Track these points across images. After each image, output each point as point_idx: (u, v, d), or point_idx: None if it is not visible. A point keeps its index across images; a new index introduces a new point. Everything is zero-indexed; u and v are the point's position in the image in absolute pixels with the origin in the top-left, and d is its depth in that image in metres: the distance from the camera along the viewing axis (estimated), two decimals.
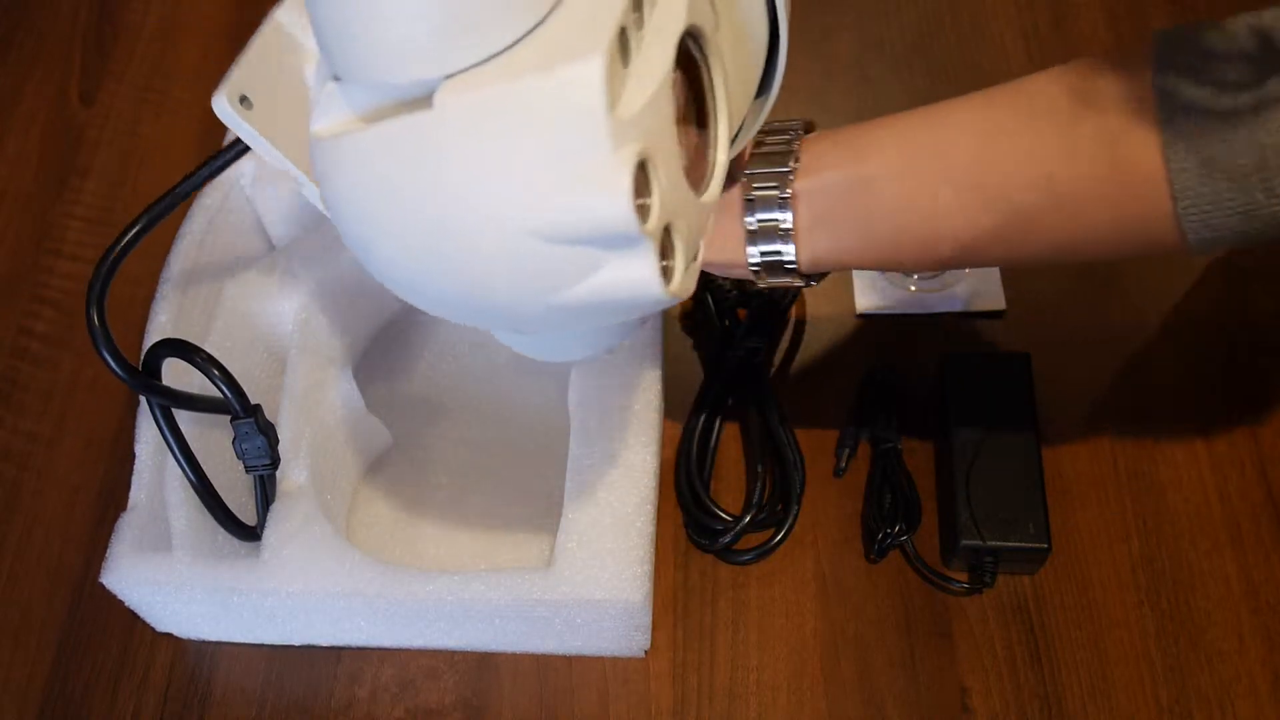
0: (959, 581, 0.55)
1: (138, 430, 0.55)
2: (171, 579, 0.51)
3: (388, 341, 0.63)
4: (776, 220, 0.46)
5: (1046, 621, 0.54)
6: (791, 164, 0.47)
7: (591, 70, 0.32)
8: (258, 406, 0.50)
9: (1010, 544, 0.53)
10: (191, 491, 0.52)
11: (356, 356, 0.61)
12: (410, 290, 0.38)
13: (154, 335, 0.56)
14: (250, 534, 0.53)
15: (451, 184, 0.33)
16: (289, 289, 0.58)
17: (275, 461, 0.51)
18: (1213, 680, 0.52)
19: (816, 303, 0.64)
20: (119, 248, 0.48)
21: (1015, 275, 0.64)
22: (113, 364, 0.47)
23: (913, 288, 0.64)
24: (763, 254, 0.47)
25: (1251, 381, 0.60)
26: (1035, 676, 0.53)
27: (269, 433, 0.51)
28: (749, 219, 0.47)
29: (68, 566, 0.59)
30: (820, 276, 0.50)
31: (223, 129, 0.64)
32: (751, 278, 0.49)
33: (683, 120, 0.40)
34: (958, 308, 0.63)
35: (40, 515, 0.60)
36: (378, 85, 0.34)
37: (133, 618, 0.56)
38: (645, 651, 0.55)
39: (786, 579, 0.56)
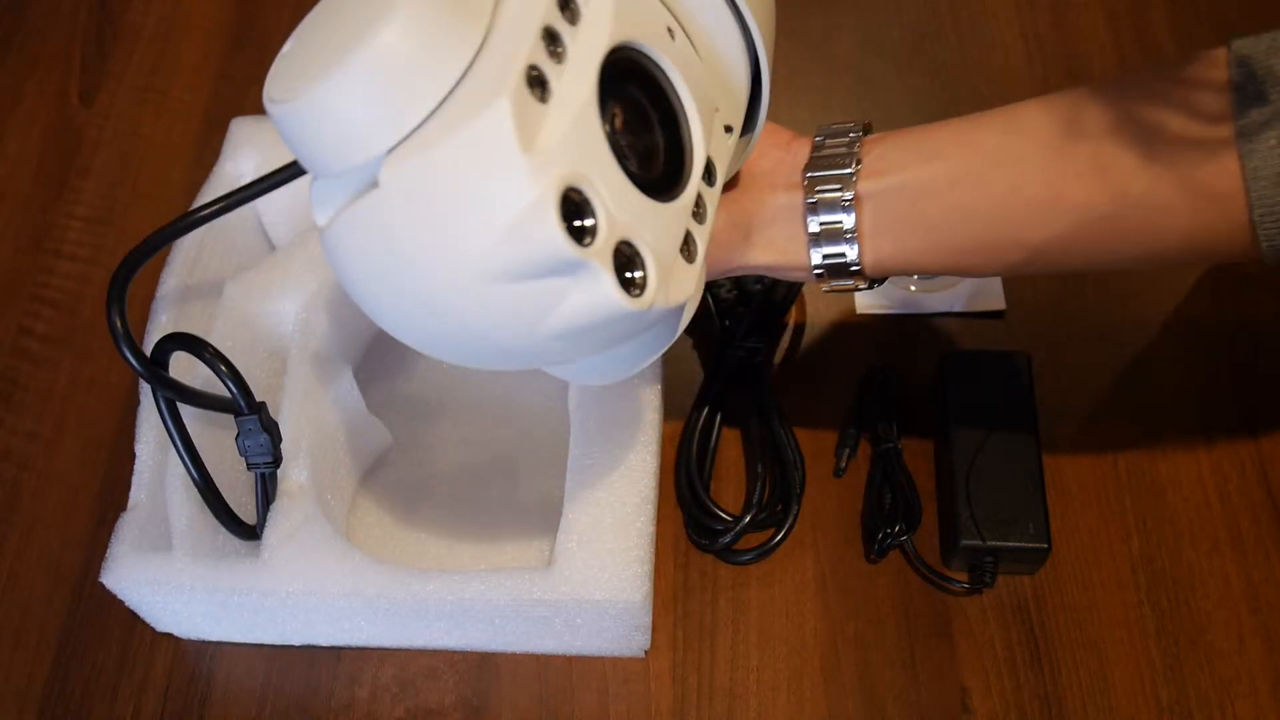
0: (959, 581, 0.55)
1: (138, 430, 0.55)
2: (171, 579, 0.51)
3: (388, 341, 0.63)
4: (840, 223, 0.46)
5: (1046, 621, 0.54)
6: (854, 166, 0.46)
7: (497, 116, 0.33)
8: (262, 404, 0.50)
9: (1010, 544, 0.53)
10: (193, 491, 0.52)
11: (356, 356, 0.61)
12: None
13: (154, 334, 0.56)
14: (250, 533, 0.53)
15: (411, 250, 0.36)
16: (289, 289, 0.58)
17: (277, 460, 0.51)
18: (1213, 680, 0.52)
19: (816, 303, 0.64)
20: (141, 252, 0.48)
21: (1016, 275, 0.64)
22: (130, 356, 0.47)
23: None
24: (825, 257, 0.47)
25: (1252, 381, 0.60)
26: (1035, 676, 0.53)
27: (272, 430, 0.51)
28: (811, 221, 0.46)
29: (68, 566, 0.59)
30: (883, 279, 0.49)
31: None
32: (814, 281, 0.48)
33: (647, 132, 0.40)
34: (958, 308, 0.63)
35: (40, 515, 0.60)
36: (339, 174, 0.36)
37: (133, 618, 0.56)
38: (645, 652, 0.55)
39: (786, 579, 0.56)
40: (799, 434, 0.58)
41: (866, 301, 0.64)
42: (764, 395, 0.59)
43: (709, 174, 0.43)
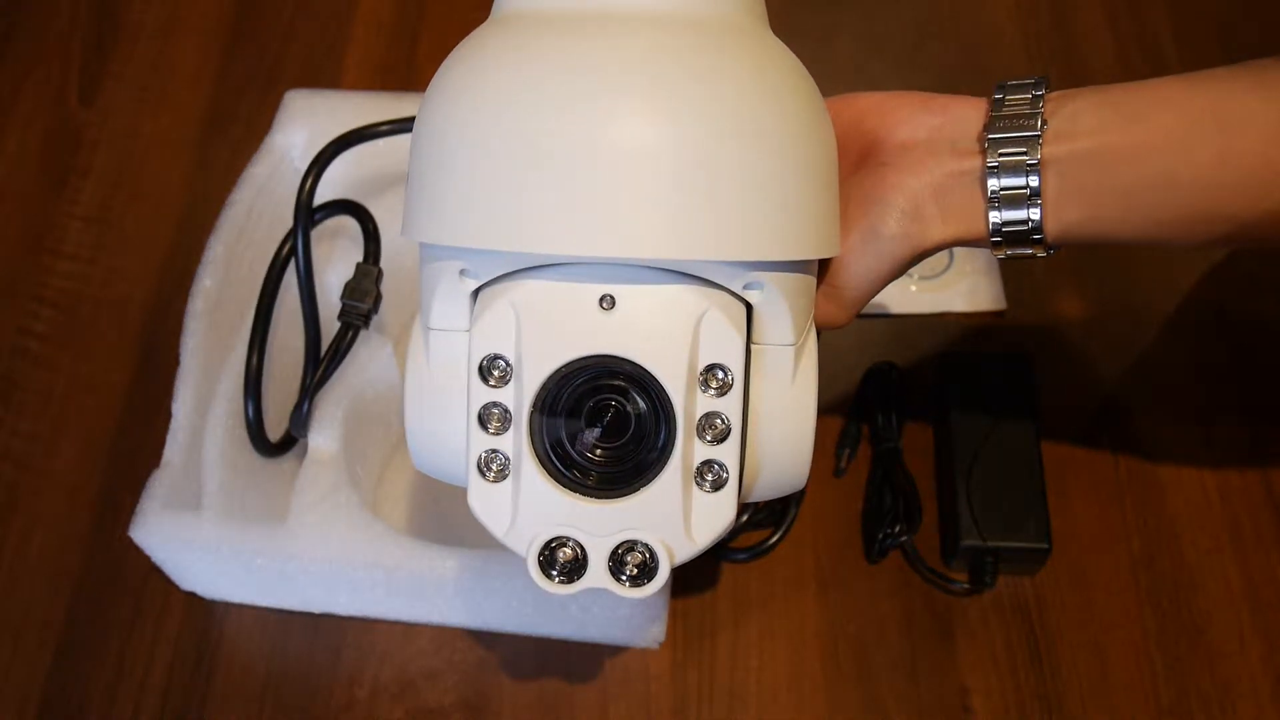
0: (959, 582, 0.55)
1: (177, 389, 0.55)
2: (198, 538, 0.52)
3: None
4: (1025, 187, 0.43)
5: (1047, 622, 0.54)
6: (1039, 127, 0.43)
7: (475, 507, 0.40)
8: (381, 271, 0.55)
9: (1011, 544, 0.53)
10: (227, 453, 0.54)
11: (396, 332, 0.62)
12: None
13: (198, 298, 0.57)
14: (271, 450, 0.54)
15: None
16: (335, 262, 0.59)
17: (368, 319, 0.53)
18: (1213, 680, 0.52)
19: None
20: (343, 142, 0.54)
21: (1015, 275, 0.64)
22: (300, 211, 0.53)
23: (913, 288, 0.64)
24: (1005, 223, 0.44)
25: (1252, 380, 0.60)
26: (1036, 677, 0.53)
27: (378, 293, 0.54)
28: (991, 185, 0.43)
29: (68, 566, 0.59)
30: (1063, 246, 0.46)
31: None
32: (991, 249, 0.45)
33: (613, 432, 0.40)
34: (958, 308, 0.63)
35: (40, 515, 0.60)
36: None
37: (132, 619, 0.56)
38: (659, 644, 0.55)
39: (786, 579, 0.56)
40: None
41: None
42: None
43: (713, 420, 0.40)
